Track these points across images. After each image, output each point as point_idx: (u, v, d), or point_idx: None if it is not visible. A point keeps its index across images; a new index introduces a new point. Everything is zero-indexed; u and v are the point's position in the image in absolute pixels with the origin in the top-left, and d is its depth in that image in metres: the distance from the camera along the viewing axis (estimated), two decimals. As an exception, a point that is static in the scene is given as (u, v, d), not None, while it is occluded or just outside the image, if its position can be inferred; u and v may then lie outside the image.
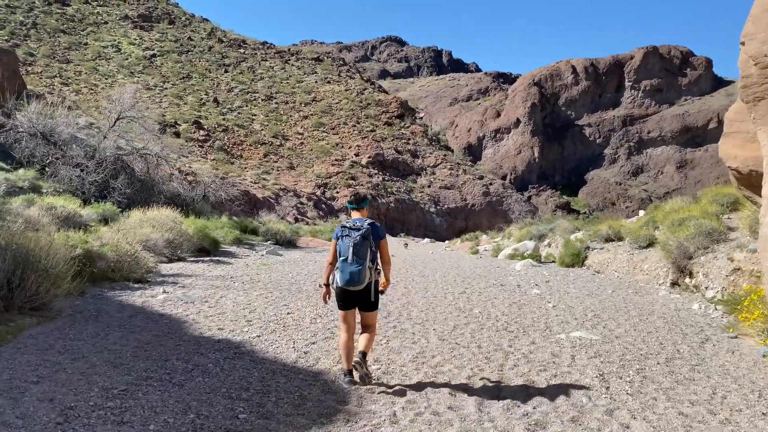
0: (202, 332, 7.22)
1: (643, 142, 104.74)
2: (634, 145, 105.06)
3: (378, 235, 5.52)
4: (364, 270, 5.33)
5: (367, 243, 5.39)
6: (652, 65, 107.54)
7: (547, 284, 14.13)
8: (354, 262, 5.31)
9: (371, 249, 5.44)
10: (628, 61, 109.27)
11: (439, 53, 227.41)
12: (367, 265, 5.37)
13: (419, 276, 15.57)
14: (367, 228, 5.44)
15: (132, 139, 24.92)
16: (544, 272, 16.97)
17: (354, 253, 5.32)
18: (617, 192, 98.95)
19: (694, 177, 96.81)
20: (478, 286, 13.45)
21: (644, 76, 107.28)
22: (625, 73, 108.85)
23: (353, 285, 5.33)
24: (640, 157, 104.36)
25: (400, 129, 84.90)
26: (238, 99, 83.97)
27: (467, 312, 9.76)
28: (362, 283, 5.34)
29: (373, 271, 5.47)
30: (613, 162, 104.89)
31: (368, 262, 5.38)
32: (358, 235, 5.37)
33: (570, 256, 19.79)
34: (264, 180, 53.76)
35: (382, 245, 5.58)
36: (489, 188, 75.40)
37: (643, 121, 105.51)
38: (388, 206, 62.68)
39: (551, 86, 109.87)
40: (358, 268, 5.31)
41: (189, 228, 16.89)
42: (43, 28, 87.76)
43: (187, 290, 10.56)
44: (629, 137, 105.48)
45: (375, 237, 5.49)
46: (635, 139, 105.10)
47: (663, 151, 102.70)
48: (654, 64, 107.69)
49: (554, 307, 10.53)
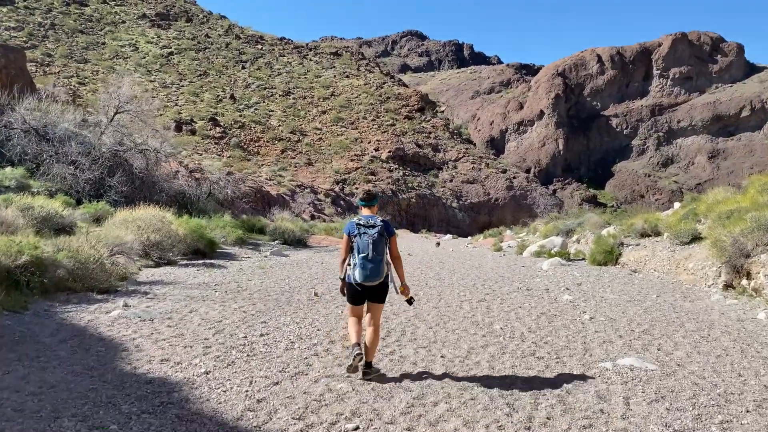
0: (137, 366, 5.58)
1: (672, 132, 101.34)
2: (664, 136, 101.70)
3: (390, 231, 5.71)
4: (382, 265, 5.51)
5: (383, 239, 5.57)
6: (681, 52, 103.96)
7: (579, 288, 12.29)
8: (374, 259, 5.45)
9: (387, 245, 5.64)
10: (655, 48, 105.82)
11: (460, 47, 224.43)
12: (385, 261, 5.57)
13: (434, 279, 13.82)
14: (381, 225, 5.61)
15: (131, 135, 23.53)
16: (574, 272, 15.10)
17: (374, 249, 5.46)
18: (646, 184, 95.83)
19: (727, 167, 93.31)
20: (501, 291, 11.67)
21: (673, 64, 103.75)
22: (652, 61, 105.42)
23: (371, 280, 5.47)
24: (670, 147, 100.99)
25: (420, 123, 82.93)
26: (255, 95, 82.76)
27: (486, 328, 8.00)
28: (380, 277, 5.51)
29: (388, 266, 5.67)
30: (642, 153, 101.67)
31: (385, 257, 5.58)
32: (375, 232, 5.52)
33: (602, 254, 17.90)
34: (279, 176, 52.31)
35: (392, 241, 5.75)
36: (513, 182, 73.13)
37: (673, 111, 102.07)
38: (409, 201, 60.89)
39: (576, 76, 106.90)
40: (379, 264, 5.48)
41: (180, 228, 15.34)
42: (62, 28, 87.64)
43: (154, 303, 8.96)
44: (658, 127, 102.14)
45: (389, 233, 5.67)
46: (664, 129, 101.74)
47: (694, 141, 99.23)
48: (683, 51, 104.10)
49: (592, 319, 8.71)
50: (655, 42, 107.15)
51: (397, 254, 5.77)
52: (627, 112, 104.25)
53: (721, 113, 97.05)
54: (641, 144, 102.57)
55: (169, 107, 71.63)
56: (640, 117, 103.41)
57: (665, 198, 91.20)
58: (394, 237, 5.76)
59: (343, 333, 7.34)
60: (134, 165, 21.74)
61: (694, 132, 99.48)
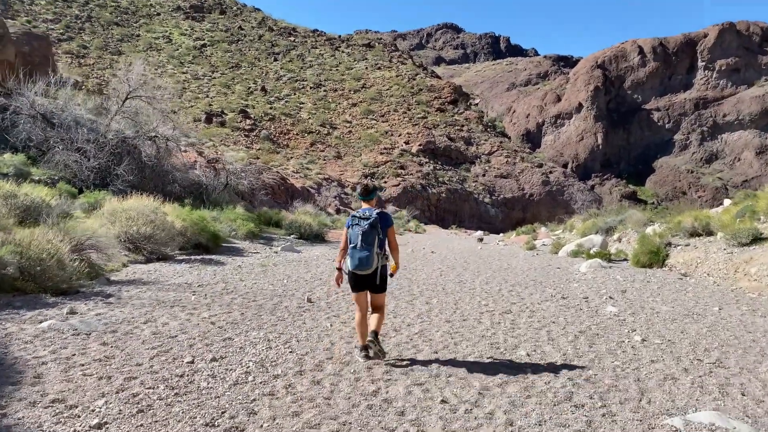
0: (10, 412, 4.04)
1: (717, 127, 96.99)
2: (708, 130, 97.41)
3: (386, 223, 5.81)
4: (372, 255, 5.60)
5: (375, 231, 5.66)
6: (729, 43, 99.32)
7: (624, 296, 10.45)
8: (362, 248, 5.59)
9: (379, 236, 5.69)
10: (701, 39, 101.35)
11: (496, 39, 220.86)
12: (375, 251, 5.63)
13: (454, 282, 12.11)
14: (375, 217, 5.71)
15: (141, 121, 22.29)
16: (617, 276, 13.21)
17: (362, 240, 5.61)
18: (688, 181, 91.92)
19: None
20: (531, 300, 9.91)
21: (719, 55, 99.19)
22: (697, 52, 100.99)
23: (362, 269, 5.62)
24: (714, 142, 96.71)
25: (453, 115, 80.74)
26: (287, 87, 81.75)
27: (508, 353, 6.29)
28: (371, 267, 5.62)
29: (381, 256, 5.73)
30: (684, 148, 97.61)
31: (376, 248, 5.64)
32: (366, 224, 5.66)
33: (647, 254, 15.96)
34: (306, 169, 51.01)
35: (389, 232, 5.84)
36: (549, 177, 70.50)
37: (718, 104, 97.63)
38: (439, 196, 58.97)
39: (616, 68, 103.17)
40: (366, 254, 5.58)
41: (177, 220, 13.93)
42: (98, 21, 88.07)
43: (109, 310, 7.48)
44: (702, 121, 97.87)
45: (383, 225, 5.76)
46: (709, 124, 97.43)
47: (740, 136, 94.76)
48: (731, 41, 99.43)
49: (644, 342, 6.92)
50: (701, 33, 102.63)
51: (395, 245, 5.93)
52: (669, 105, 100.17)
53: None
54: (684, 139, 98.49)
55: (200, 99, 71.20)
56: (683, 111, 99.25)
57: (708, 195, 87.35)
58: (390, 228, 5.82)
59: (319, 360, 5.78)
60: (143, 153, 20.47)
61: (741, 127, 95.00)
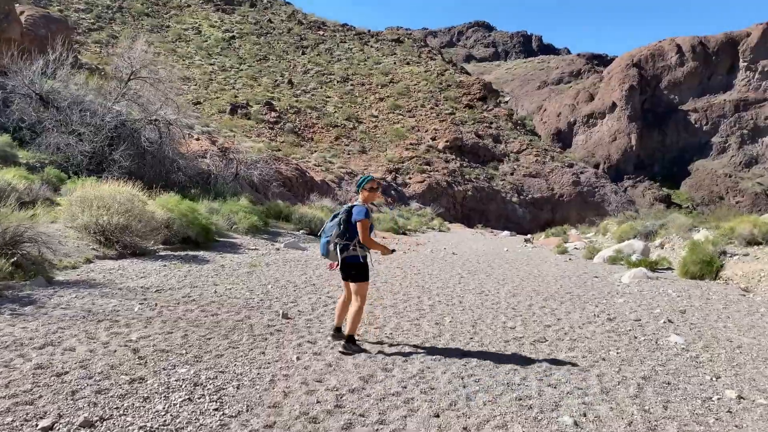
0: None
1: (758, 130, 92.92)
2: (748, 133, 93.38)
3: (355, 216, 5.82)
4: (328, 245, 5.97)
5: (335, 222, 6.01)
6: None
7: (684, 318, 8.46)
8: (323, 237, 6.06)
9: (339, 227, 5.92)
10: (743, 38, 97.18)
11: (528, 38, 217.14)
12: (334, 241, 5.92)
13: (475, 293, 10.21)
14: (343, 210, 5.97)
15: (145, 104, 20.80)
16: (668, 290, 11.17)
17: (325, 230, 6.08)
18: (726, 185, 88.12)
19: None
20: (568, 321, 7.97)
21: (762, 56, 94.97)
22: (739, 52, 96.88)
23: (323, 256, 6.08)
24: (755, 146, 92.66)
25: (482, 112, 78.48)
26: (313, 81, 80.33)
27: (545, 419, 4.39)
28: (326, 254, 6.01)
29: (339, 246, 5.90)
30: (723, 151, 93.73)
31: (334, 238, 5.92)
32: (333, 216, 6.15)
33: (698, 264, 13.88)
34: (329, 163, 49.40)
35: (358, 226, 5.81)
36: (580, 177, 67.84)
37: (760, 106, 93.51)
38: (465, 194, 56.87)
39: (652, 67, 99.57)
40: (323, 241, 6.02)
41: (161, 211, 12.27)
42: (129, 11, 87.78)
43: (11, 324, 5.77)
44: (742, 124, 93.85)
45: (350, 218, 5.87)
46: (749, 126, 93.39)
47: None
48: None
49: (742, 400, 4.97)
50: (743, 32, 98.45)
51: (364, 237, 5.81)
52: (708, 107, 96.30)
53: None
54: (722, 142, 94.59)
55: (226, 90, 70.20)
56: (722, 112, 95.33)
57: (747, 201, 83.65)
58: (358, 222, 5.79)
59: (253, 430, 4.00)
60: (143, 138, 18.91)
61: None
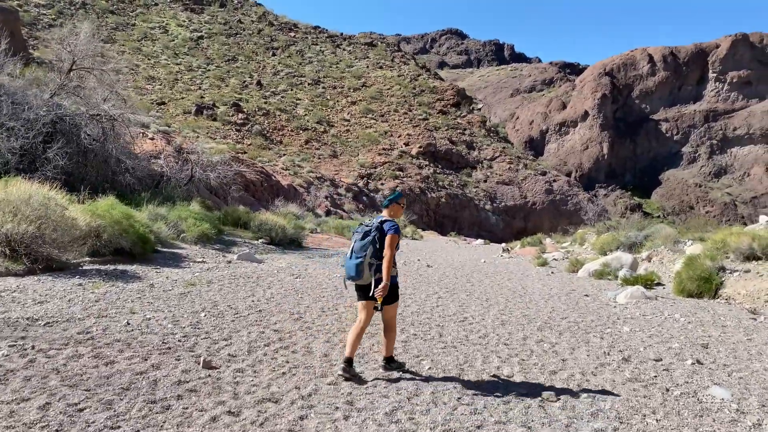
0: None
1: (727, 140, 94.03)
2: (717, 144, 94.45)
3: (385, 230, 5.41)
4: (361, 265, 5.34)
5: (367, 240, 5.39)
6: (741, 55, 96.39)
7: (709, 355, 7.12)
8: (352, 257, 5.41)
9: (375, 246, 5.38)
10: (713, 50, 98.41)
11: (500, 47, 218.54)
12: (367, 262, 5.35)
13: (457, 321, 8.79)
14: (374, 226, 5.44)
15: (89, 98, 19.01)
16: (674, 314, 9.91)
17: (353, 249, 5.43)
18: (696, 195, 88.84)
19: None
20: (576, 364, 6.50)
21: (731, 67, 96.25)
22: (709, 63, 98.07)
23: (352, 279, 5.43)
24: (724, 156, 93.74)
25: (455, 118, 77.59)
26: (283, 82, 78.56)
27: None
28: (360, 278, 5.36)
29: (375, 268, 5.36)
30: (693, 161, 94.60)
31: (368, 258, 5.35)
32: (361, 232, 5.47)
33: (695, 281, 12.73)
34: (298, 167, 47.74)
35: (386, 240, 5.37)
36: (552, 185, 67.29)
37: (729, 117, 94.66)
38: (438, 201, 55.73)
39: (624, 77, 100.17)
40: (356, 262, 5.35)
41: (86, 217, 10.62)
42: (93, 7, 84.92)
43: None
44: (711, 134, 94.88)
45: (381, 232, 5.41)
46: (718, 137, 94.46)
47: (751, 151, 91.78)
48: (743, 53, 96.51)
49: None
50: (713, 43, 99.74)
51: (387, 253, 5.32)
52: (678, 116, 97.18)
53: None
54: (692, 152, 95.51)
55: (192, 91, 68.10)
56: (692, 123, 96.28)
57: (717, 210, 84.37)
58: (389, 236, 5.35)
59: None
60: (83, 135, 17.13)
61: (752, 141, 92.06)
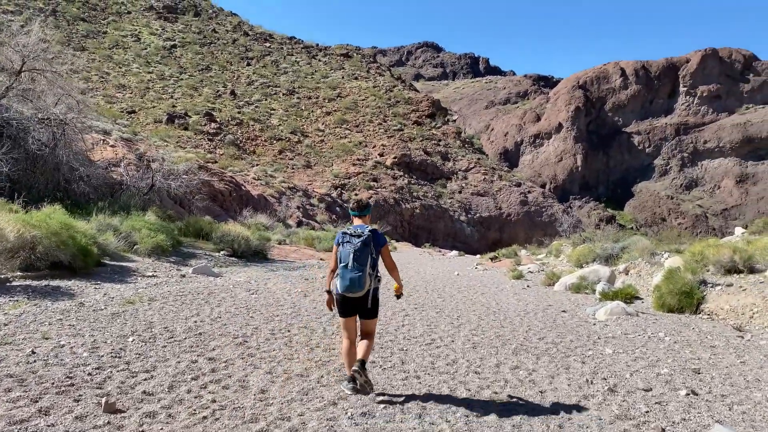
0: None
1: (698, 153, 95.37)
2: (688, 156, 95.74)
3: (379, 242, 5.41)
4: (364, 276, 5.24)
5: (367, 250, 5.31)
6: (711, 69, 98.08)
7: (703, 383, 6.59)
8: (354, 268, 5.24)
9: (372, 256, 5.33)
10: (683, 64, 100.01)
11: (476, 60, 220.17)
12: (368, 272, 5.27)
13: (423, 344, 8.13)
14: (368, 234, 5.36)
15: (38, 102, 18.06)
16: (658, 332, 9.38)
17: (354, 259, 5.25)
18: (668, 207, 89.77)
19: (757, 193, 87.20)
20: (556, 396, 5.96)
21: (701, 81, 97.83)
22: (679, 77, 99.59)
23: (352, 291, 5.27)
24: (695, 169, 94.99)
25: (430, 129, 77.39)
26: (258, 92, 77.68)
27: None
28: (362, 289, 5.27)
29: (373, 278, 5.36)
30: (664, 174, 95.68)
31: (368, 268, 5.28)
32: (359, 242, 5.30)
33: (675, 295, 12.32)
34: (270, 177, 46.89)
35: (383, 252, 5.48)
36: (527, 197, 67.28)
37: (699, 130, 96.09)
38: (413, 212, 55.23)
39: (597, 90, 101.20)
40: (358, 274, 5.23)
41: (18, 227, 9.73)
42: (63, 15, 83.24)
43: None
44: (683, 147, 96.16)
45: (376, 244, 5.37)
46: (689, 150, 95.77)
47: (720, 164, 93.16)
48: (713, 68, 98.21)
49: None
50: (683, 58, 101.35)
51: (391, 264, 5.55)
52: (650, 129, 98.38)
53: (751, 135, 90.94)
54: (664, 164, 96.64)
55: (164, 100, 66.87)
56: (663, 136, 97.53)
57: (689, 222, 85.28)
58: (384, 247, 5.46)
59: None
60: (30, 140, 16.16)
61: (722, 154, 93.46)
